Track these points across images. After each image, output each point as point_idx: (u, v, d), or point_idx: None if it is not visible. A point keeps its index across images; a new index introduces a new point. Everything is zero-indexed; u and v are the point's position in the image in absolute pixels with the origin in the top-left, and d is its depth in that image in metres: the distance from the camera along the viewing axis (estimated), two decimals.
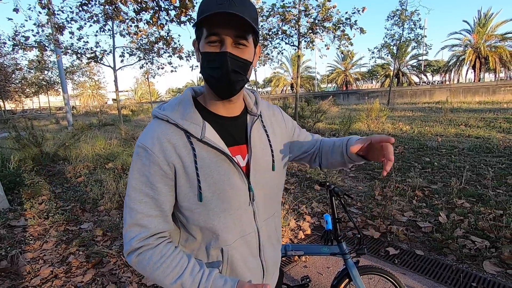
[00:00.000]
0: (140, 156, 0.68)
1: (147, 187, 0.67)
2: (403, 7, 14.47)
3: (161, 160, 0.67)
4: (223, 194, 0.71)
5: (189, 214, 0.72)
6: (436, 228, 2.74)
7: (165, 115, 0.70)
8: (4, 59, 23.52)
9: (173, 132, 0.69)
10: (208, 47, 0.65)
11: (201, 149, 0.69)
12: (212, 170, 0.70)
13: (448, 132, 7.57)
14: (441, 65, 34.29)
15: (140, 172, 0.68)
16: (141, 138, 0.69)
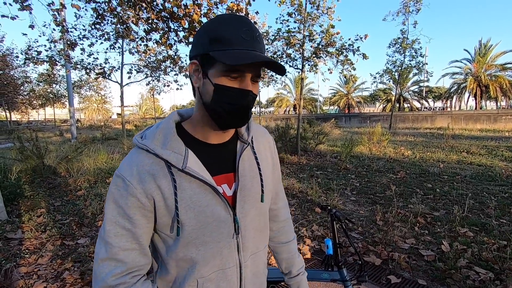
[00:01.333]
0: (117, 186, 0.64)
1: (123, 219, 0.64)
2: (404, 35, 14.92)
3: (139, 191, 0.63)
4: (204, 226, 0.67)
5: (167, 245, 0.69)
6: (439, 257, 2.68)
7: (145, 145, 0.65)
8: (15, 71, 24.16)
9: (153, 163, 0.64)
10: (227, 80, 0.61)
11: (182, 179, 0.65)
12: (194, 202, 0.65)
13: (450, 159, 7.56)
14: (442, 91, 34.79)
15: (116, 203, 0.64)
16: (120, 167, 0.65)
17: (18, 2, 4.53)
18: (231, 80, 0.62)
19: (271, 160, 0.85)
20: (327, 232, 3.29)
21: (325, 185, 5.28)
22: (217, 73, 0.61)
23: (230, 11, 4.49)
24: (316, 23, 8.05)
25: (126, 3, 5.17)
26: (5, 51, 22.46)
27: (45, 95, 29.61)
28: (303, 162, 7.55)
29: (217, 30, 0.60)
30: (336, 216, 1.51)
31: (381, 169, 6.57)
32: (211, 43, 0.60)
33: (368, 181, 5.61)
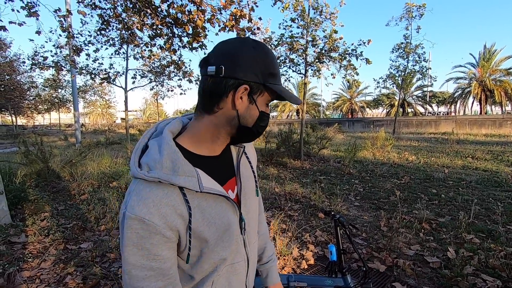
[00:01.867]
0: (134, 229, 0.60)
1: (149, 260, 0.61)
2: (407, 40, 14.92)
3: (162, 227, 0.61)
4: (223, 234, 0.70)
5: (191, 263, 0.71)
6: (445, 264, 2.64)
7: (157, 177, 0.61)
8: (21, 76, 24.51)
9: (168, 193, 0.63)
10: (266, 108, 0.70)
11: (200, 200, 0.66)
12: (213, 217, 0.68)
13: (455, 164, 7.49)
14: (446, 96, 34.65)
15: (137, 246, 0.60)
16: (132, 208, 0.60)
17: (26, 8, 4.62)
18: (267, 108, 0.71)
19: (254, 157, 0.91)
20: (331, 237, 3.26)
21: (329, 190, 5.24)
22: (263, 101, 0.69)
23: (233, 17, 4.53)
24: (319, 28, 8.09)
25: (131, 9, 5.25)
26: (12, 56, 22.84)
27: (50, 100, 29.97)
28: (306, 167, 7.52)
29: (272, 65, 0.67)
30: (340, 222, 1.50)
31: (385, 174, 6.52)
32: (268, 75, 0.66)
33: (372, 186, 5.56)
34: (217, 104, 0.65)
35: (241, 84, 0.63)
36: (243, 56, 0.63)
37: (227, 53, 0.64)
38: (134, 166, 0.65)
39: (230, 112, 0.65)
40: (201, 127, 0.69)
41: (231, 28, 4.59)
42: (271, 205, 4.37)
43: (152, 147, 0.66)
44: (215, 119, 0.67)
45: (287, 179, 6.09)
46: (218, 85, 0.63)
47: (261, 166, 7.77)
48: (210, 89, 0.64)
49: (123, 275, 0.64)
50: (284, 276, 1.55)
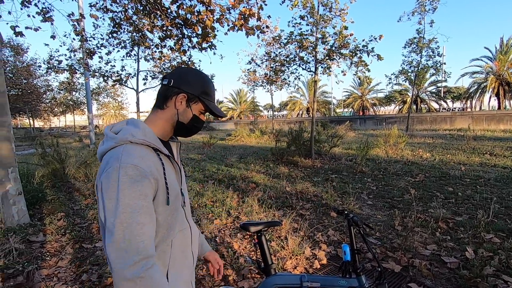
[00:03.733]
0: (129, 175, 0.78)
1: (140, 199, 0.78)
2: (421, 35, 14.54)
3: (149, 174, 0.81)
4: (175, 197, 0.91)
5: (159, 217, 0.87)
6: (463, 264, 2.55)
7: (141, 139, 0.86)
8: (38, 80, 25.27)
9: (149, 153, 0.86)
10: (200, 114, 1.00)
11: (166, 163, 0.90)
12: (172, 179, 0.92)
13: (472, 161, 7.26)
14: (462, 91, 33.61)
15: (131, 188, 0.77)
16: (125, 159, 0.79)
17: (41, 14, 4.74)
18: (202, 115, 1.02)
19: None
20: (343, 237, 3.21)
21: (341, 188, 5.17)
22: (197, 109, 0.99)
23: (242, 16, 4.52)
24: (328, 25, 7.99)
25: (142, 12, 5.31)
26: (29, 61, 23.57)
27: (65, 102, 30.79)
28: (317, 166, 7.45)
29: (207, 87, 0.99)
30: (354, 221, 1.47)
31: (398, 172, 6.39)
32: (203, 93, 0.98)
33: (385, 184, 5.46)
34: (165, 103, 0.96)
35: (181, 92, 0.95)
36: (188, 77, 0.97)
37: (178, 73, 0.98)
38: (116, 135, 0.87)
39: (173, 110, 0.96)
40: (156, 118, 0.97)
41: (240, 27, 4.58)
42: (282, 204, 4.35)
43: (128, 128, 0.89)
44: (164, 114, 0.96)
45: (298, 178, 6.04)
46: (167, 91, 0.95)
47: (271, 165, 7.75)
48: (162, 93, 0.96)
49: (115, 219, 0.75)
50: (297, 276, 1.53)
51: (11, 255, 2.79)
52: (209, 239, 3.23)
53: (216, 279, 1.22)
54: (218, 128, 33.44)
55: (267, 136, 16.32)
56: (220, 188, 5.27)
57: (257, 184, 5.56)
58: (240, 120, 37.25)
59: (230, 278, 2.45)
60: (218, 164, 8.15)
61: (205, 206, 4.32)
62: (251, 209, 4.04)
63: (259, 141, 15.19)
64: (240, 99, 45.83)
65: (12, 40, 21.16)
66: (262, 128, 19.50)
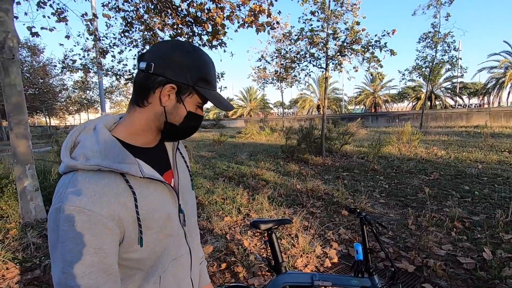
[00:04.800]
0: (72, 221, 0.56)
1: (90, 255, 0.56)
2: (436, 29, 14.14)
3: (105, 217, 0.57)
4: (165, 224, 0.70)
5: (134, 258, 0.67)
6: (480, 265, 2.48)
7: (97, 164, 0.60)
8: (54, 80, 25.99)
9: (110, 181, 0.61)
10: (196, 109, 0.72)
11: (142, 188, 0.65)
12: (156, 204, 0.68)
13: (490, 159, 7.02)
14: (479, 87, 32.56)
15: (76, 240, 0.56)
16: (69, 200, 0.57)
17: (56, 14, 4.85)
18: (199, 109, 0.73)
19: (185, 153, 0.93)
20: (355, 235, 3.17)
21: (352, 187, 5.10)
22: (192, 103, 0.71)
23: (252, 13, 4.50)
24: (340, 20, 7.86)
25: (153, 10, 5.36)
26: (45, 61, 24.25)
27: (80, 101, 31.60)
28: (328, 163, 7.37)
29: (204, 70, 0.70)
30: (367, 220, 1.44)
31: (412, 170, 6.25)
32: (199, 79, 0.69)
33: (398, 182, 5.35)
34: (146, 98, 0.67)
35: (168, 83, 0.66)
36: (175, 58, 0.66)
37: (160, 52, 0.67)
38: (66, 158, 0.62)
39: (158, 108, 0.68)
40: (133, 120, 0.70)
41: (250, 24, 4.57)
42: (292, 202, 4.33)
43: (87, 140, 0.65)
44: (145, 112, 0.68)
45: (308, 176, 6.00)
46: (147, 80, 0.66)
47: (282, 162, 7.72)
48: (139, 83, 0.67)
49: (56, 278, 0.57)
50: (308, 275, 1.52)
51: (28, 249, 2.89)
52: (220, 236, 3.24)
53: None
54: (228, 125, 33.58)
55: (277, 133, 16.27)
56: (230, 185, 5.29)
57: (267, 182, 5.55)
58: (250, 118, 37.30)
59: (241, 276, 2.46)
60: (228, 161, 8.18)
61: (216, 203, 4.35)
62: (261, 206, 4.04)
63: (269, 139, 15.17)
64: (250, 96, 45.83)
65: (29, 41, 21.79)
66: (272, 126, 19.47)
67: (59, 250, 0.56)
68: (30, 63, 22.93)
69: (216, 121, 34.92)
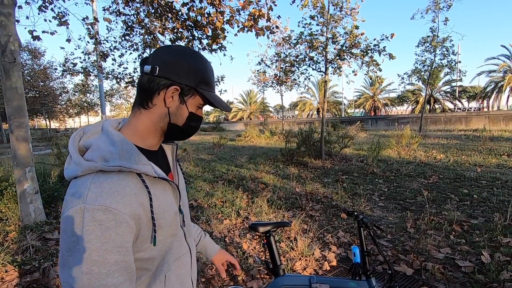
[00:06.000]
0: (98, 221, 0.57)
1: (114, 253, 0.58)
2: (434, 33, 14.23)
3: (128, 216, 0.60)
4: (171, 223, 0.74)
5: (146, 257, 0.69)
6: (478, 268, 2.48)
7: (118, 165, 0.62)
8: (54, 82, 26.05)
9: (129, 181, 0.64)
10: (197, 110, 0.77)
11: (155, 189, 0.69)
12: (165, 205, 0.71)
13: (489, 162, 7.04)
14: (478, 91, 32.66)
15: (102, 239, 0.57)
16: (93, 200, 0.58)
17: (57, 18, 4.89)
18: (199, 110, 0.78)
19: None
20: (354, 238, 3.18)
21: (351, 190, 5.11)
22: (194, 104, 0.75)
23: (252, 17, 4.54)
24: (339, 24, 7.92)
25: (153, 14, 5.40)
26: (46, 64, 24.33)
27: (80, 104, 31.66)
28: (327, 166, 7.38)
29: (205, 73, 0.74)
30: (364, 222, 1.45)
31: (411, 173, 6.26)
32: (200, 82, 0.73)
33: (397, 186, 5.36)
34: (150, 100, 0.70)
35: (172, 85, 0.70)
36: (179, 62, 0.70)
37: (164, 56, 0.71)
38: (82, 161, 0.63)
39: (163, 109, 0.71)
40: (139, 122, 0.72)
41: (250, 28, 4.60)
42: (292, 205, 4.34)
43: (100, 142, 0.66)
44: (150, 114, 0.71)
45: (308, 179, 6.01)
46: (152, 83, 0.69)
47: (281, 165, 7.73)
48: (144, 86, 0.70)
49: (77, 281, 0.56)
50: (306, 277, 1.52)
51: (28, 252, 2.89)
52: (219, 239, 3.25)
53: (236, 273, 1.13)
54: (228, 128, 33.61)
55: (277, 136, 16.29)
56: (229, 188, 5.30)
57: (266, 185, 5.56)
58: (250, 121, 37.34)
59: (240, 278, 2.46)
60: (228, 164, 8.19)
61: (215, 206, 4.35)
62: (260, 209, 4.04)
63: (268, 142, 15.18)
64: (250, 100, 45.92)
65: (29, 44, 21.89)
66: (272, 129, 19.49)
67: (80, 252, 0.56)
68: (31, 66, 23.02)
69: (216, 124, 34.96)
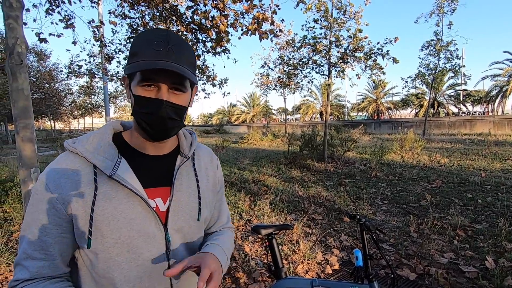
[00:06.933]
0: (36, 190, 0.63)
1: (34, 226, 0.61)
2: (438, 37, 14.20)
3: (55, 197, 0.60)
4: (129, 241, 0.62)
5: (86, 260, 0.64)
6: (483, 274, 2.46)
7: (75, 148, 0.63)
8: (59, 84, 26.32)
9: (79, 167, 0.62)
10: (142, 90, 0.61)
11: (109, 187, 0.62)
12: (119, 213, 0.61)
13: (493, 167, 6.98)
14: (482, 95, 32.45)
15: (34, 207, 0.62)
16: (45, 170, 0.64)
17: (63, 21, 4.96)
18: (146, 90, 0.61)
19: (212, 179, 0.81)
20: (356, 242, 3.16)
21: (354, 193, 5.09)
22: (134, 84, 0.62)
23: (256, 21, 4.57)
24: (343, 28, 7.93)
25: (158, 18, 5.46)
26: (52, 66, 24.60)
27: (84, 105, 31.91)
28: (330, 170, 7.36)
29: (134, 45, 0.62)
30: (366, 226, 1.45)
31: (414, 177, 6.23)
32: (130, 57, 0.63)
33: (401, 190, 5.33)
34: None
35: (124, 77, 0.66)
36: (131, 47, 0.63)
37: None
38: (70, 140, 0.67)
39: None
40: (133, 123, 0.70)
41: (254, 31, 4.63)
42: (294, 208, 4.33)
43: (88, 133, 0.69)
44: None
45: (310, 182, 6.00)
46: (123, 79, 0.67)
47: (284, 168, 7.72)
48: None
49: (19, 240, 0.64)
50: (308, 281, 1.52)
51: None
52: None
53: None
54: (231, 131, 33.66)
55: (279, 139, 16.29)
56: (232, 190, 5.30)
57: (269, 188, 5.55)
58: (253, 124, 37.38)
59: (241, 281, 2.46)
60: (231, 167, 8.20)
61: None
62: (262, 212, 4.04)
63: (271, 145, 15.18)
64: (253, 102, 46.00)
65: (36, 46, 22.14)
66: (275, 132, 19.50)
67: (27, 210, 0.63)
68: (37, 68, 23.27)
69: (219, 126, 35.07)
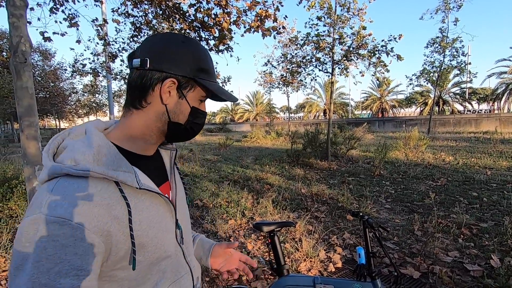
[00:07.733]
0: (52, 236, 0.46)
1: (69, 277, 0.46)
2: (444, 34, 14.04)
3: (93, 232, 0.49)
4: (163, 242, 0.63)
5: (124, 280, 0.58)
6: (488, 273, 2.43)
7: (87, 169, 0.52)
8: (64, 83, 26.54)
9: (102, 189, 0.53)
10: (199, 104, 0.66)
11: (138, 200, 0.58)
12: (151, 221, 0.60)
13: (499, 165, 6.90)
14: (488, 93, 32.08)
15: (54, 260, 0.46)
16: (52, 209, 0.47)
17: (67, 20, 4.98)
18: (202, 104, 0.68)
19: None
20: (360, 240, 3.15)
21: (357, 191, 5.07)
22: (195, 97, 0.65)
23: (258, 18, 4.55)
24: (346, 25, 7.88)
25: (161, 16, 5.46)
26: (56, 65, 24.79)
27: (89, 104, 32.15)
28: (333, 168, 7.34)
29: (203, 61, 0.64)
30: (369, 223, 1.44)
31: (418, 175, 6.18)
32: (199, 70, 0.63)
33: (405, 188, 5.29)
34: (144, 98, 0.61)
35: (167, 77, 0.60)
36: (170, 50, 0.60)
37: (154, 46, 0.61)
38: (50, 162, 0.54)
39: (159, 107, 0.61)
40: (131, 124, 0.62)
41: (256, 28, 4.61)
42: (297, 206, 4.32)
43: (76, 143, 0.57)
44: (144, 115, 0.62)
45: (313, 180, 5.98)
46: (144, 78, 0.59)
47: (287, 166, 7.71)
48: (135, 82, 0.60)
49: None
50: (310, 278, 1.52)
51: None
52: (223, 238, 3.25)
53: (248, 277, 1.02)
54: (234, 129, 33.69)
55: (283, 137, 16.27)
56: (235, 188, 5.31)
57: (272, 186, 5.55)
58: (256, 122, 37.38)
59: (244, 278, 2.46)
60: (234, 165, 8.21)
61: (220, 206, 4.36)
62: (265, 210, 4.04)
63: (274, 143, 15.17)
64: (256, 101, 45.97)
65: (40, 45, 22.31)
66: (278, 130, 19.47)
67: (26, 272, 0.45)
68: (41, 67, 23.46)
69: (222, 125, 35.11)
